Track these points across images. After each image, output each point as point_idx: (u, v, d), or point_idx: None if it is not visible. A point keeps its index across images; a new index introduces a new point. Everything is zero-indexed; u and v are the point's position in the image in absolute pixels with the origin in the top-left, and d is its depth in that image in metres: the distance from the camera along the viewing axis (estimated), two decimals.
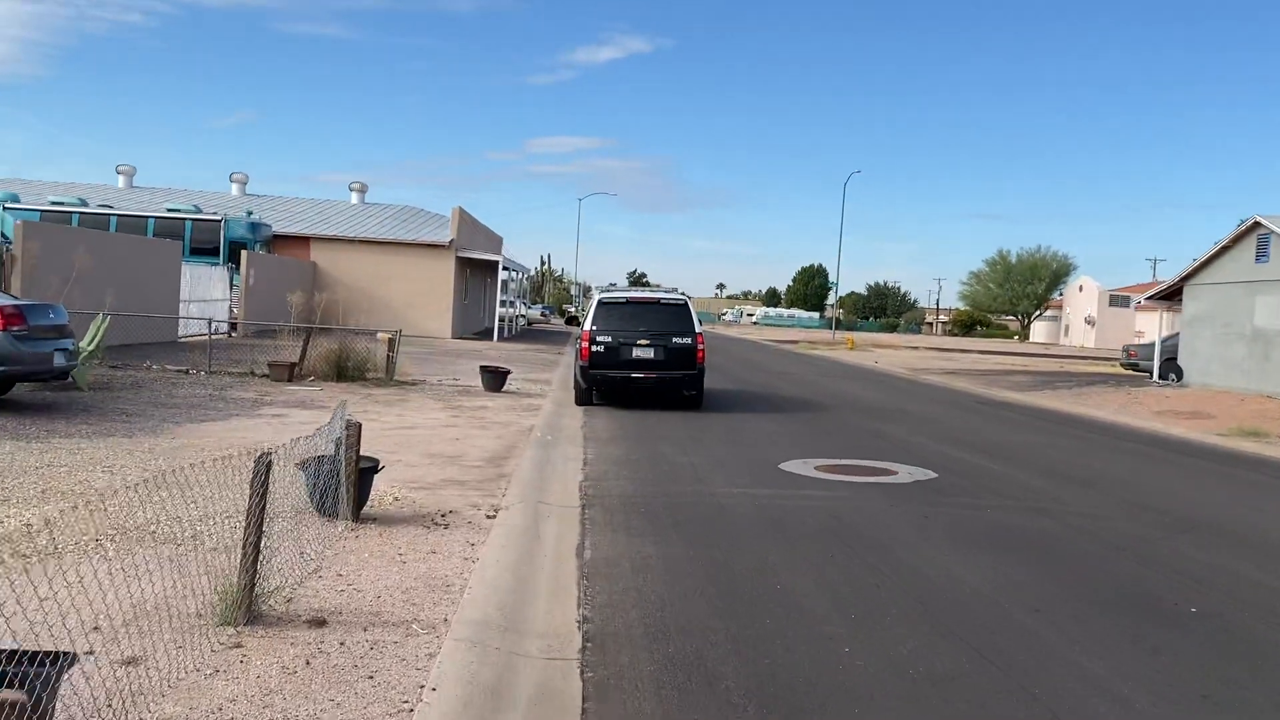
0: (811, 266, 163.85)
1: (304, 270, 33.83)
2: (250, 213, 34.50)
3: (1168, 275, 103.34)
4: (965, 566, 7.11)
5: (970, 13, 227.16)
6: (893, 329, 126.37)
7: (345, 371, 17.51)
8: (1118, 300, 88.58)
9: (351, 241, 35.68)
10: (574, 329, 56.50)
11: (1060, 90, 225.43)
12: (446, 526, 7.34)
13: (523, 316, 54.94)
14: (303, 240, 35.58)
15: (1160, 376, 27.68)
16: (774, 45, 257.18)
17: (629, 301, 17.47)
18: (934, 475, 11.07)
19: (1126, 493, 10.75)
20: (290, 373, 16.93)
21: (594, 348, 16.58)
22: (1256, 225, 23.80)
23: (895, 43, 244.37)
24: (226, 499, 6.06)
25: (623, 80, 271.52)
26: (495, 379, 17.48)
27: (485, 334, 39.41)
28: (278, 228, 35.75)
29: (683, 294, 18.00)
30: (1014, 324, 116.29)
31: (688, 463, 11.31)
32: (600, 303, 17.31)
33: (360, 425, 7.05)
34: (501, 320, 39.24)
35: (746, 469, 11.07)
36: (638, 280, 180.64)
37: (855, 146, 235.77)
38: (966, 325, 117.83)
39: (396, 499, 8.20)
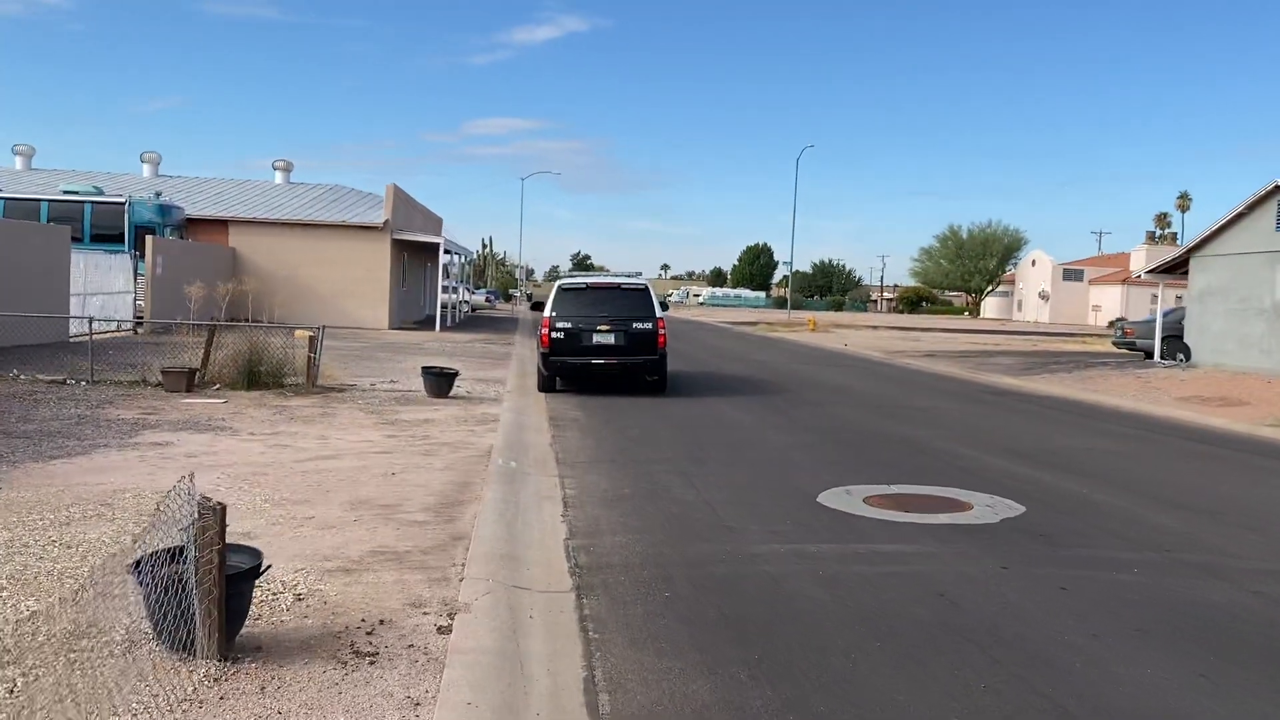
0: (757, 246, 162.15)
1: (221, 257, 30.50)
2: (159, 194, 30.98)
3: (1112, 249, 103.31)
4: (1199, 696, 4.53)
5: None
6: (839, 307, 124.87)
7: (258, 377, 14.53)
8: (1071, 274, 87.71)
9: (275, 224, 32.33)
10: (527, 315, 53.61)
11: (995, 67, 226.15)
12: (374, 659, 4.57)
13: (466, 302, 51.81)
14: (220, 223, 32.17)
15: (1162, 356, 25.58)
16: (711, 25, 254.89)
17: (589, 287, 17.26)
18: (1020, 509, 8.52)
19: (1274, 526, 8.30)
20: (189, 381, 13.92)
21: (554, 334, 16.38)
22: (1278, 189, 21.68)
23: (832, 22, 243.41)
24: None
25: (561, 61, 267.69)
26: (440, 383, 14.62)
27: (427, 323, 36.33)
28: (193, 210, 32.29)
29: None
30: (959, 300, 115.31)
31: (699, 500, 8.62)
32: (560, 289, 17.10)
33: (223, 510, 4.24)
34: (444, 307, 36.16)
35: (778, 506, 8.41)
36: (581, 262, 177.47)
37: (795, 125, 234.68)
38: (912, 302, 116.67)
39: (300, 596, 5.40)
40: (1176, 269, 25.90)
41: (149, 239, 25.37)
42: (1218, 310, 23.57)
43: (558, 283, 17.59)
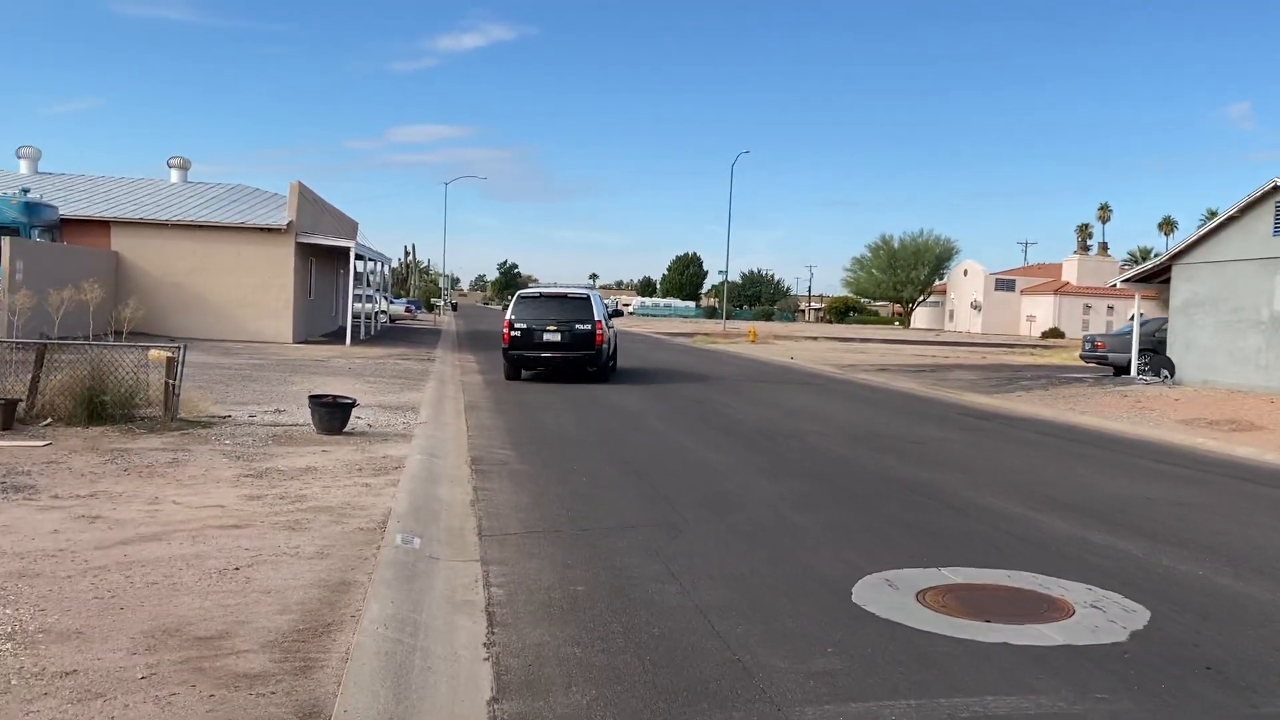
0: (686, 255, 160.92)
1: (100, 262, 26.99)
2: (26, 190, 27.24)
3: (1037, 258, 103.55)
4: None
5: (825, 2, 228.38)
6: (768, 317, 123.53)
7: (102, 409, 11.48)
8: (1003, 284, 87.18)
9: (164, 226, 28.84)
10: (452, 327, 50.62)
11: (918, 81, 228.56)
12: None
13: (384, 313, 48.49)
14: (102, 225, 28.61)
15: (1141, 372, 23.65)
16: (638, 35, 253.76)
17: (541, 295, 21.34)
18: (1141, 611, 6.01)
19: None
20: (7, 415, 10.85)
21: (513, 333, 20.27)
22: (1277, 189, 19.80)
23: (758, 33, 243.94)
24: None
25: (487, 68, 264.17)
26: (332, 415, 11.70)
27: (337, 336, 33.11)
28: (72, 210, 28.68)
29: (588, 289, 22.40)
30: (885, 310, 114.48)
31: (688, 603, 5.94)
32: (519, 296, 21.30)
33: None
34: (357, 319, 32.99)
35: (803, 615, 5.77)
36: (509, 271, 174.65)
37: (722, 134, 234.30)
38: (840, 312, 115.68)
39: None
40: (1155, 277, 24.02)
41: (5, 240, 21.90)
42: (1206, 322, 21.66)
43: (518, 292, 21.93)
